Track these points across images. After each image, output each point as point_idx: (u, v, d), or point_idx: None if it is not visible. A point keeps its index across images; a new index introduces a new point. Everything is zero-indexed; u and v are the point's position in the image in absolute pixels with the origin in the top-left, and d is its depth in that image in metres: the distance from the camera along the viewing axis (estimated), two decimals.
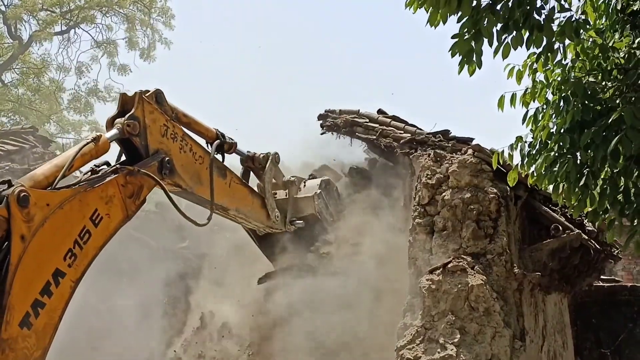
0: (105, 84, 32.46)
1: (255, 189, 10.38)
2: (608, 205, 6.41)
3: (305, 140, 13.49)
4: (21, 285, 5.76)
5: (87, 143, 6.87)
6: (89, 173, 6.86)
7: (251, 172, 10.68)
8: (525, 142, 6.79)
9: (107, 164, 7.08)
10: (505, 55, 6.29)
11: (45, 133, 25.09)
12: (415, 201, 10.26)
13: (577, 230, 10.01)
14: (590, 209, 6.55)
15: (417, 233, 10.08)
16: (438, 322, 9.28)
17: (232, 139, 9.53)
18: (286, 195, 11.25)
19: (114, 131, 7.30)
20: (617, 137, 5.93)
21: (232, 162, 10.02)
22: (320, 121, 12.62)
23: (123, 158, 7.57)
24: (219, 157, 9.12)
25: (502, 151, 7.00)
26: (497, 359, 9.10)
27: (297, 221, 11.20)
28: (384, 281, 10.62)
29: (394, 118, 12.00)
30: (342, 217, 11.85)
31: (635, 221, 6.32)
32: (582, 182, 6.36)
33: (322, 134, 12.63)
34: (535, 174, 6.80)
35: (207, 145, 8.96)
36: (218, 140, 9.09)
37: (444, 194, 9.93)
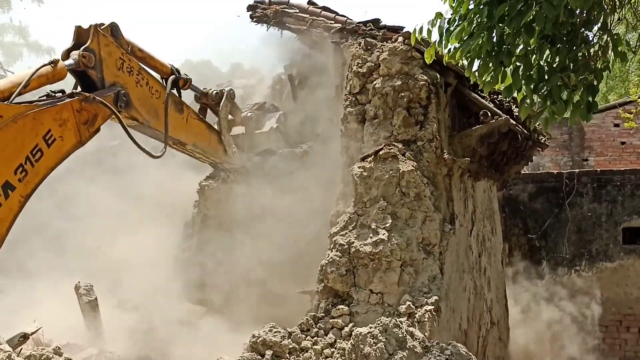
0: None
1: (215, 126, 10.44)
2: (522, 84, 6.49)
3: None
4: None
5: (45, 65, 7.01)
6: (45, 97, 7.00)
7: (208, 110, 10.74)
8: (445, 18, 6.76)
9: (63, 92, 7.18)
10: None
11: None
12: (346, 90, 10.26)
13: (505, 116, 10.17)
14: (504, 86, 6.63)
15: (348, 122, 10.11)
16: (370, 208, 9.41)
17: (187, 75, 9.57)
18: (242, 131, 11.32)
19: (70, 61, 7.42)
20: (531, 11, 5.96)
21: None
22: (250, 12, 12.42)
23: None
24: (175, 93, 9.24)
25: (421, 27, 6.96)
26: (428, 241, 9.32)
27: (255, 157, 11.27)
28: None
29: (325, 8, 11.88)
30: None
31: (547, 100, 6.42)
32: (495, 58, 6.41)
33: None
34: (451, 52, 6.81)
35: (163, 81, 9.06)
36: (174, 75, 9.16)
37: (375, 82, 9.93)
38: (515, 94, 6.69)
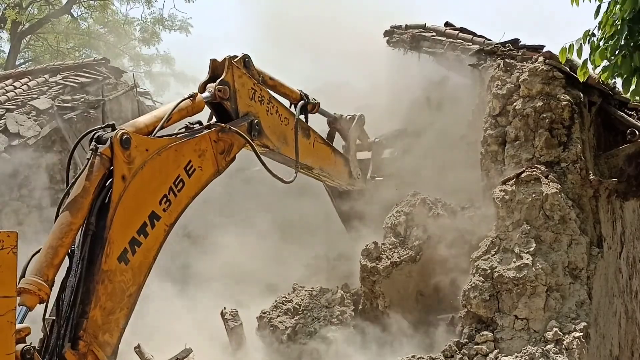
0: (169, 13, 33.26)
1: (341, 149, 10.64)
2: None
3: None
4: (121, 222, 6.26)
5: (185, 99, 7.39)
6: (184, 129, 7.39)
7: (337, 133, 11.00)
8: (594, 34, 6.60)
9: (200, 123, 7.58)
10: None
11: (119, 66, 25.66)
12: (486, 113, 10.16)
13: None
14: None
15: (488, 145, 10.01)
16: (512, 232, 9.26)
17: (315, 100, 9.81)
18: (369, 156, 11.43)
19: (206, 94, 7.79)
20: None
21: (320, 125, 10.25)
22: (387, 38, 12.54)
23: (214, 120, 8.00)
24: (302, 118, 9.46)
25: (571, 45, 6.82)
26: (574, 265, 9.08)
27: (377, 177, 11.35)
28: None
29: (462, 30, 11.85)
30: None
31: None
32: None
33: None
34: (605, 69, 6.64)
35: (291, 107, 9.35)
36: (302, 102, 9.43)
37: (515, 103, 9.79)
38: None
